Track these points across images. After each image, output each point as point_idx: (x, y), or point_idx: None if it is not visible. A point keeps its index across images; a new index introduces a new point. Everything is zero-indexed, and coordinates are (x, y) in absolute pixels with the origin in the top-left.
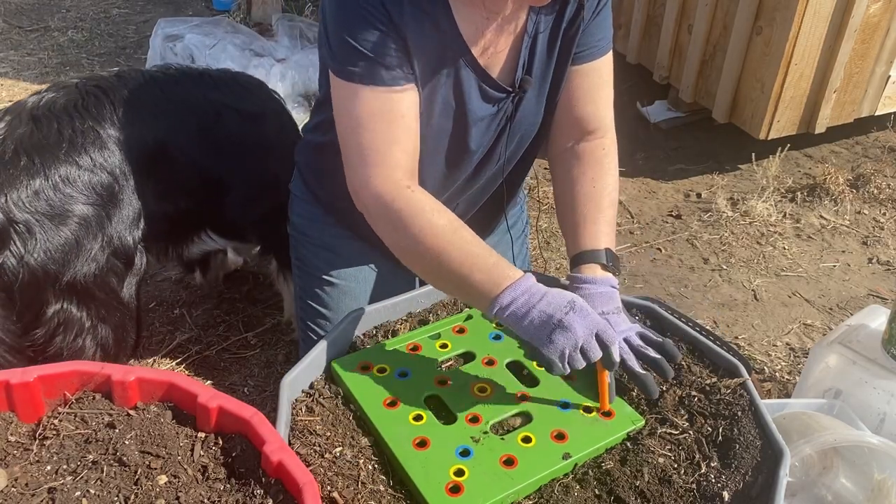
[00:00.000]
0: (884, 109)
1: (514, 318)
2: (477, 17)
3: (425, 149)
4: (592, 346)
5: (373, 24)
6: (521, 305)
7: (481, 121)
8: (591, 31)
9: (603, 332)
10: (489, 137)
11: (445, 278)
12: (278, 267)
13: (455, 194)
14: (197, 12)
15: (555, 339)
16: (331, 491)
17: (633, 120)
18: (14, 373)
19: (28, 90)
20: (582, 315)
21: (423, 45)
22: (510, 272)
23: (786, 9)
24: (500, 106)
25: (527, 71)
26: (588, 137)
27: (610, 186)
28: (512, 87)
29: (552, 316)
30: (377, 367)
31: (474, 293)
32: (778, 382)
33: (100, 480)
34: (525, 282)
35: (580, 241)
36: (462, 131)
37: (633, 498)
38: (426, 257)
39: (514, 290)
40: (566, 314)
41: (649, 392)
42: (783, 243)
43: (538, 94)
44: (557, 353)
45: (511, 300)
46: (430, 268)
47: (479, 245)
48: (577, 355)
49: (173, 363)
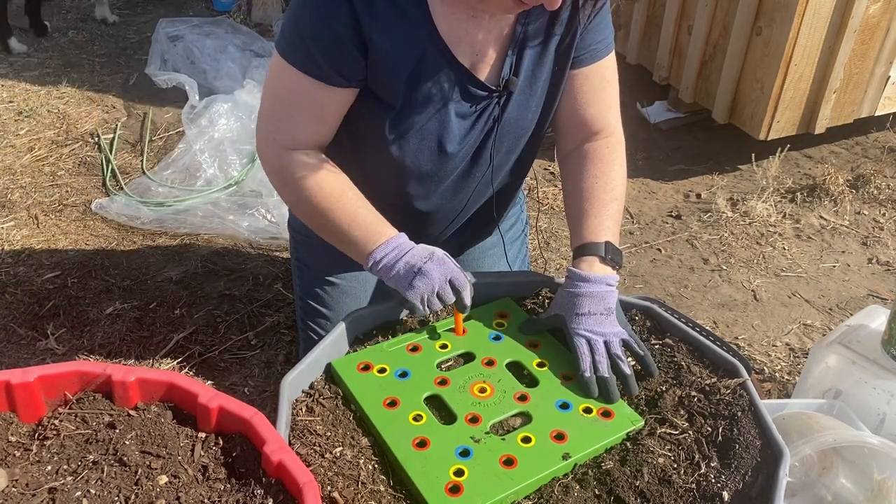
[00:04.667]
0: (883, 110)
1: (385, 270)
2: (460, 15)
3: (409, 148)
4: (446, 291)
5: (331, 25)
6: (391, 259)
7: (464, 119)
8: (590, 34)
9: (456, 279)
10: (475, 137)
11: (330, 233)
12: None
13: (446, 197)
14: (197, 13)
15: (415, 284)
16: (331, 491)
17: (632, 120)
18: (14, 373)
19: (28, 90)
20: (438, 263)
21: (394, 36)
22: (386, 231)
23: (785, 9)
24: (483, 105)
25: (514, 73)
26: (593, 138)
27: (614, 182)
28: (496, 87)
29: (414, 265)
30: (377, 367)
31: (353, 248)
32: (778, 382)
33: (100, 480)
34: (397, 239)
35: (581, 234)
36: (444, 127)
37: (632, 498)
38: (314, 214)
39: (386, 246)
40: (425, 262)
41: (609, 398)
42: (783, 244)
43: (528, 96)
44: (418, 297)
45: (383, 255)
46: (317, 223)
47: (362, 206)
48: (435, 299)
49: (173, 363)
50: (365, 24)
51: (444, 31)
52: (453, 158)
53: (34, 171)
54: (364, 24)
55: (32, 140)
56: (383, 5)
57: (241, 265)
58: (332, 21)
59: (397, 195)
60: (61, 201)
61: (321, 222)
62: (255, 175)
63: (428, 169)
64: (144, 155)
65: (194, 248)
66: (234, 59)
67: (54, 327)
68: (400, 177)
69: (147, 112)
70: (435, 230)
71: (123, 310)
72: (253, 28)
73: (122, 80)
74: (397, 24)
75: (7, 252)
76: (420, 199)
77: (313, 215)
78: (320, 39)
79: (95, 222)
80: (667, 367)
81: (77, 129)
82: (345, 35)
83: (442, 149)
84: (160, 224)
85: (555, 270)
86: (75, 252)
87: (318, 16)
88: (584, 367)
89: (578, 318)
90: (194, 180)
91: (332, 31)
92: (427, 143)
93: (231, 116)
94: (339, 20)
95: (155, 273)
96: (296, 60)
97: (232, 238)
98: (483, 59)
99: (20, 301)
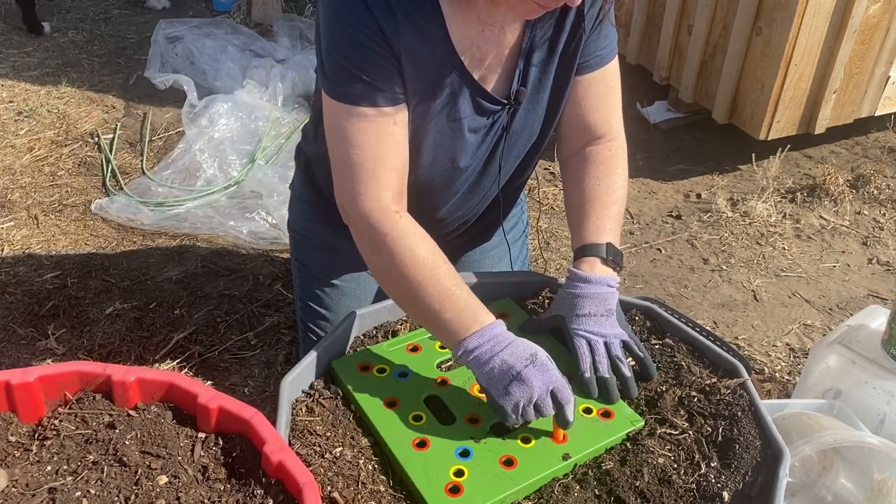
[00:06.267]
0: (883, 110)
1: (477, 364)
2: (472, 31)
3: (422, 163)
4: (546, 403)
5: (366, 44)
6: (485, 352)
7: (476, 133)
8: (595, 41)
9: (559, 391)
10: (485, 149)
11: (417, 310)
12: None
13: (455, 207)
14: (197, 13)
15: (511, 391)
16: (331, 491)
17: (633, 120)
18: (14, 373)
19: (28, 90)
20: (541, 370)
21: (416, 59)
22: (481, 316)
23: (785, 9)
24: (494, 118)
25: (522, 83)
26: (596, 142)
27: (615, 185)
28: (507, 100)
29: (512, 367)
30: (377, 367)
31: (443, 331)
32: (778, 383)
33: (100, 481)
34: (493, 329)
35: (582, 236)
36: (458, 144)
37: (633, 498)
38: (402, 286)
39: (480, 335)
40: (525, 367)
41: (609, 399)
42: (783, 244)
43: (535, 105)
44: (511, 405)
45: (476, 345)
46: (404, 297)
47: (456, 283)
48: (531, 409)
49: (173, 363)
50: (393, 44)
51: (460, 49)
52: (465, 171)
53: (34, 171)
54: (392, 43)
55: (32, 140)
56: (407, 26)
57: (241, 265)
58: (368, 42)
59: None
60: (61, 201)
61: (410, 297)
62: (255, 175)
63: (440, 183)
64: (144, 155)
65: (194, 249)
66: (234, 60)
67: (54, 327)
68: (411, 190)
69: (147, 112)
70: (439, 235)
71: (123, 310)
72: (253, 28)
73: (121, 80)
74: (419, 45)
75: (7, 252)
76: (429, 209)
77: (402, 287)
78: (361, 61)
79: (95, 222)
80: (667, 368)
81: (77, 129)
82: (382, 51)
83: (455, 164)
84: (160, 224)
85: (555, 271)
86: (75, 252)
87: (354, 38)
88: (584, 367)
89: (578, 319)
90: (194, 180)
91: (370, 49)
92: (440, 160)
93: (231, 116)
94: (373, 38)
95: (155, 273)
96: (352, 95)
97: (232, 238)
98: (493, 72)
99: (20, 301)
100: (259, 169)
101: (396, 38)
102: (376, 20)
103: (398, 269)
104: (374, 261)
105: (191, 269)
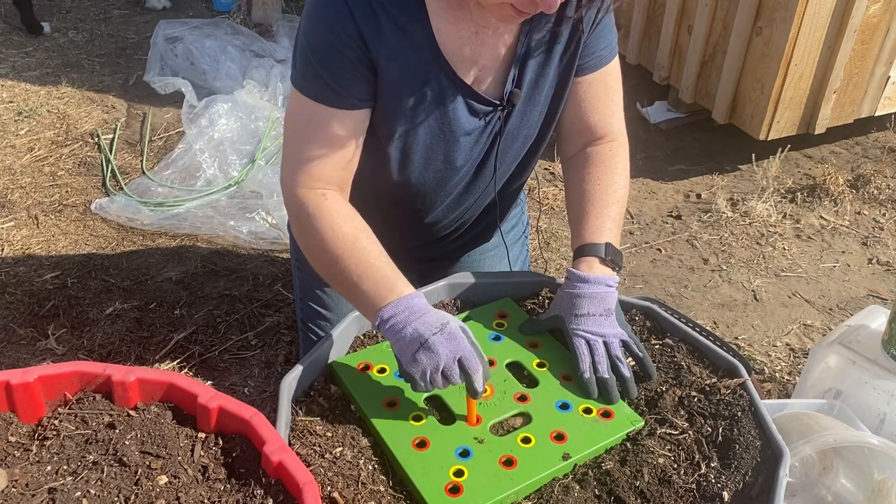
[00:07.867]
0: (883, 110)
1: (392, 333)
2: (463, 33)
3: (415, 165)
4: (454, 371)
5: (338, 48)
6: (399, 321)
7: (468, 135)
8: (594, 42)
9: (467, 360)
10: (478, 151)
11: (339, 284)
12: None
13: (450, 209)
14: (197, 13)
15: (418, 358)
16: (331, 491)
17: (633, 120)
18: (14, 373)
19: (28, 90)
20: (449, 338)
21: (400, 61)
22: (399, 287)
23: (785, 9)
24: (488, 119)
25: (517, 84)
26: (597, 142)
27: (616, 185)
28: (500, 101)
29: (421, 335)
30: (377, 367)
31: (362, 302)
32: (778, 383)
33: (100, 481)
34: (409, 300)
35: (581, 235)
36: (450, 146)
37: (633, 498)
38: (324, 261)
39: (395, 305)
40: (433, 335)
41: (609, 399)
42: (783, 244)
43: (532, 106)
44: (419, 372)
45: (391, 315)
46: (327, 272)
47: (376, 257)
48: (438, 377)
49: (173, 363)
50: (373, 48)
51: (447, 51)
52: (458, 173)
53: (34, 171)
54: (371, 47)
55: (32, 140)
56: (390, 29)
57: (241, 265)
58: (341, 44)
59: (400, 208)
60: (61, 201)
61: (332, 271)
62: (255, 175)
63: (433, 185)
64: (144, 155)
65: (194, 249)
66: (234, 60)
67: (54, 327)
68: (404, 192)
69: (147, 112)
70: (437, 237)
71: (123, 310)
72: (253, 28)
73: (121, 80)
74: (403, 48)
75: (7, 252)
76: (423, 211)
77: (324, 262)
78: (330, 63)
79: (95, 222)
80: (667, 368)
81: (77, 130)
82: (354, 56)
83: (448, 166)
84: (160, 224)
85: (555, 271)
86: (75, 252)
87: (328, 39)
88: (583, 367)
89: (578, 319)
90: (194, 180)
91: (341, 53)
92: (433, 162)
93: (231, 116)
94: (347, 43)
95: (155, 273)
96: (308, 89)
97: (232, 239)
98: (486, 74)
99: (20, 301)
100: (259, 169)
101: (377, 41)
102: (356, 21)
103: (320, 245)
104: (302, 240)
105: (191, 270)
